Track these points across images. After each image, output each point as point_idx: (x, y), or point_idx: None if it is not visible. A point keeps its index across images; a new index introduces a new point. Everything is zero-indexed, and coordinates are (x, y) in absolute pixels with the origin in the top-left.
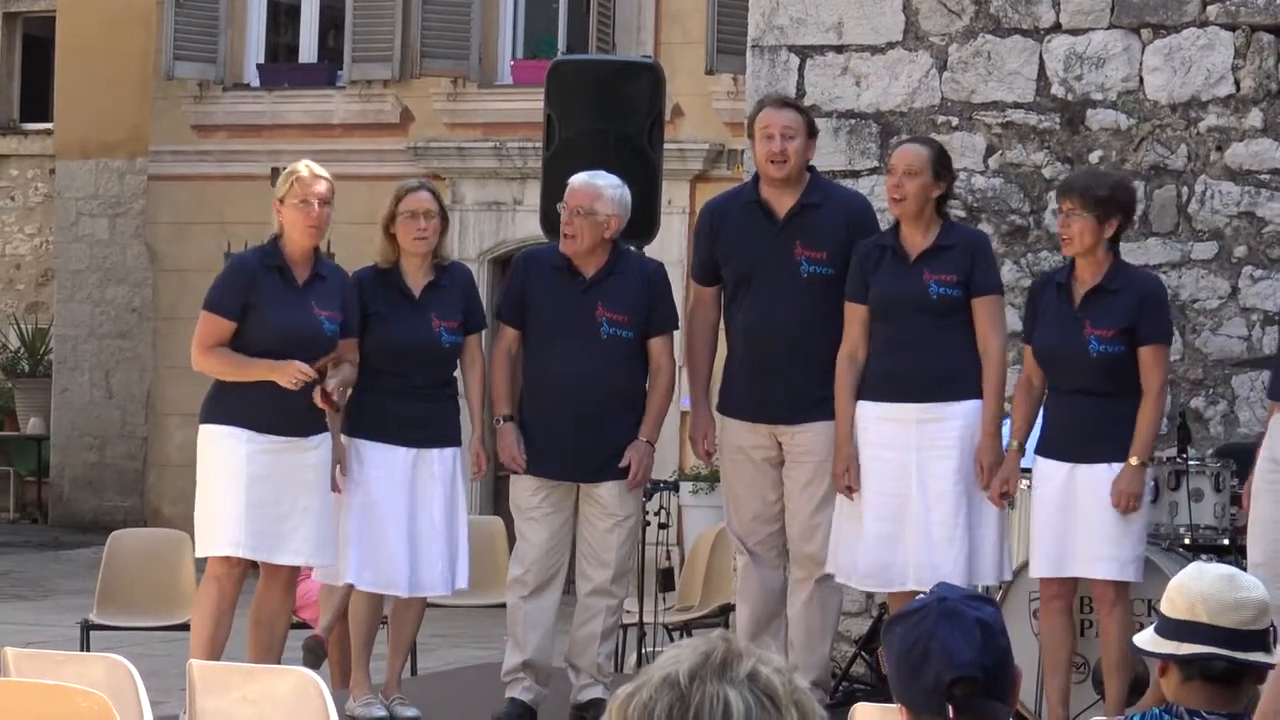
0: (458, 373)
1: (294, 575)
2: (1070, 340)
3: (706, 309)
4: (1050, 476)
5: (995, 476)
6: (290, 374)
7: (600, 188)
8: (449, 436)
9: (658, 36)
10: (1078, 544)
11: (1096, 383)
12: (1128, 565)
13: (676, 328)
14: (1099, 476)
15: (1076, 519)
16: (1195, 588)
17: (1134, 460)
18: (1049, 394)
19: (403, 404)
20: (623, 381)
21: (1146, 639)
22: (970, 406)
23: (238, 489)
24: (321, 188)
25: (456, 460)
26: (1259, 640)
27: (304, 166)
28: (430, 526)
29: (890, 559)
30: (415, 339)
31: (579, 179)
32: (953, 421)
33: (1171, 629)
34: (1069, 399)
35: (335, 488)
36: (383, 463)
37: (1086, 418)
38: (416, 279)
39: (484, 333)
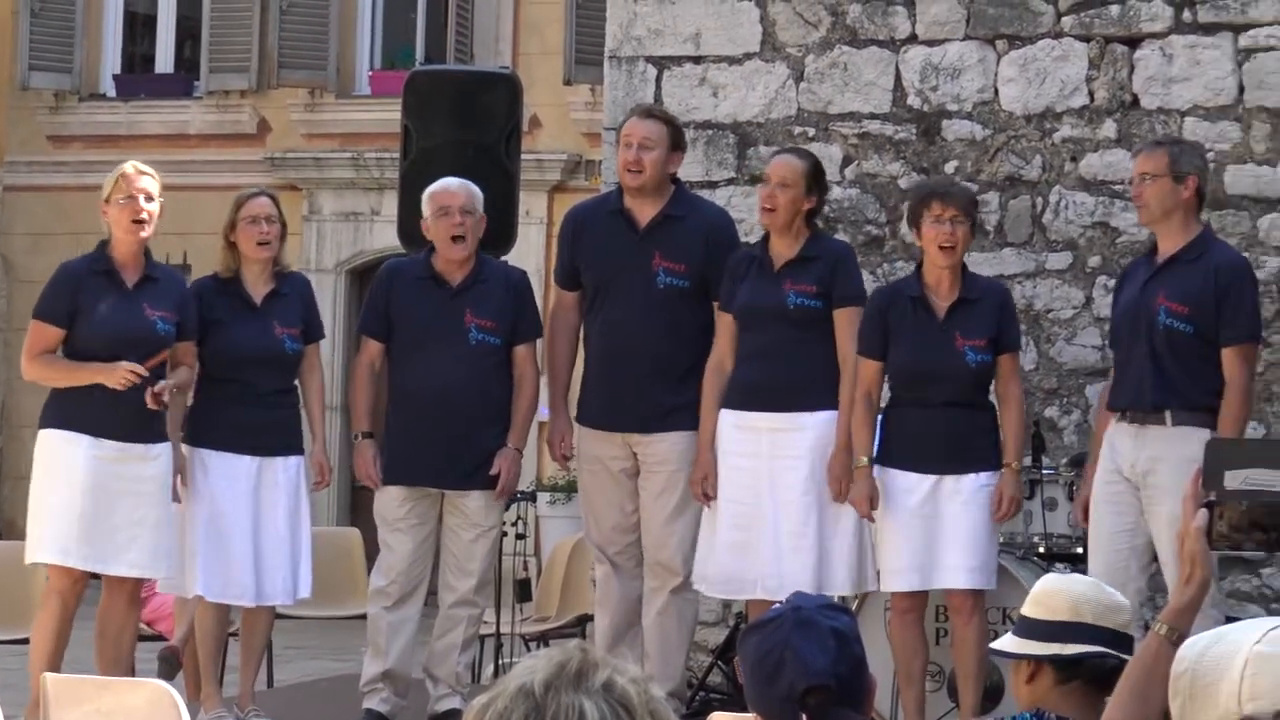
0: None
1: (138, 587)
2: (944, 354)
3: (567, 314)
4: (911, 489)
5: (860, 494)
6: (119, 375)
7: (472, 189)
8: (292, 445)
9: (516, 47)
10: (944, 556)
11: (965, 394)
12: (992, 574)
13: (540, 335)
14: (967, 487)
15: (942, 531)
16: (1076, 590)
17: (1014, 465)
18: (907, 408)
19: (246, 412)
20: (491, 389)
21: (1011, 643)
22: (824, 417)
23: (72, 496)
24: (145, 183)
25: (300, 469)
26: (1129, 645)
27: (130, 165)
28: (274, 535)
29: (741, 567)
30: (258, 346)
31: (453, 181)
32: (805, 431)
33: (1048, 631)
34: (930, 411)
35: (175, 498)
36: (227, 472)
37: (956, 429)
38: (257, 287)
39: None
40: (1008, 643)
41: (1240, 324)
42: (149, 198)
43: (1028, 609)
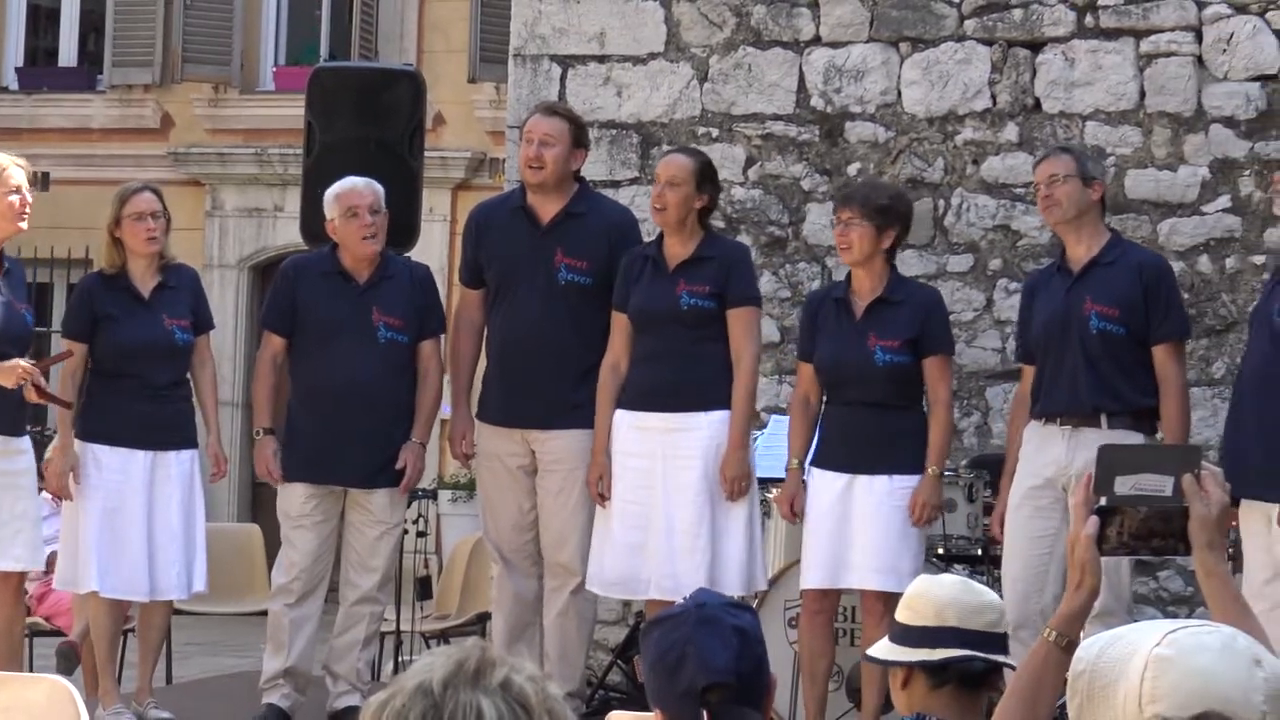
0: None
1: (22, 581)
2: (856, 352)
3: (471, 311)
4: (827, 488)
5: (783, 495)
6: (16, 375)
7: (377, 187)
8: (185, 438)
9: (420, 45)
10: (854, 556)
11: (881, 394)
12: (905, 576)
13: (444, 330)
14: (879, 488)
15: (854, 530)
16: (939, 594)
17: (932, 470)
18: (827, 407)
19: (139, 406)
20: (398, 387)
21: (884, 649)
22: (718, 417)
23: None
24: (15, 174)
25: (194, 462)
26: (1001, 643)
27: (3, 157)
28: (168, 530)
29: (635, 567)
30: (149, 339)
31: (359, 181)
32: (699, 432)
33: (917, 636)
34: (851, 411)
35: (67, 495)
36: (120, 467)
37: (869, 429)
38: (145, 281)
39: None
40: (882, 649)
41: (1170, 321)
42: (15, 190)
43: (899, 613)
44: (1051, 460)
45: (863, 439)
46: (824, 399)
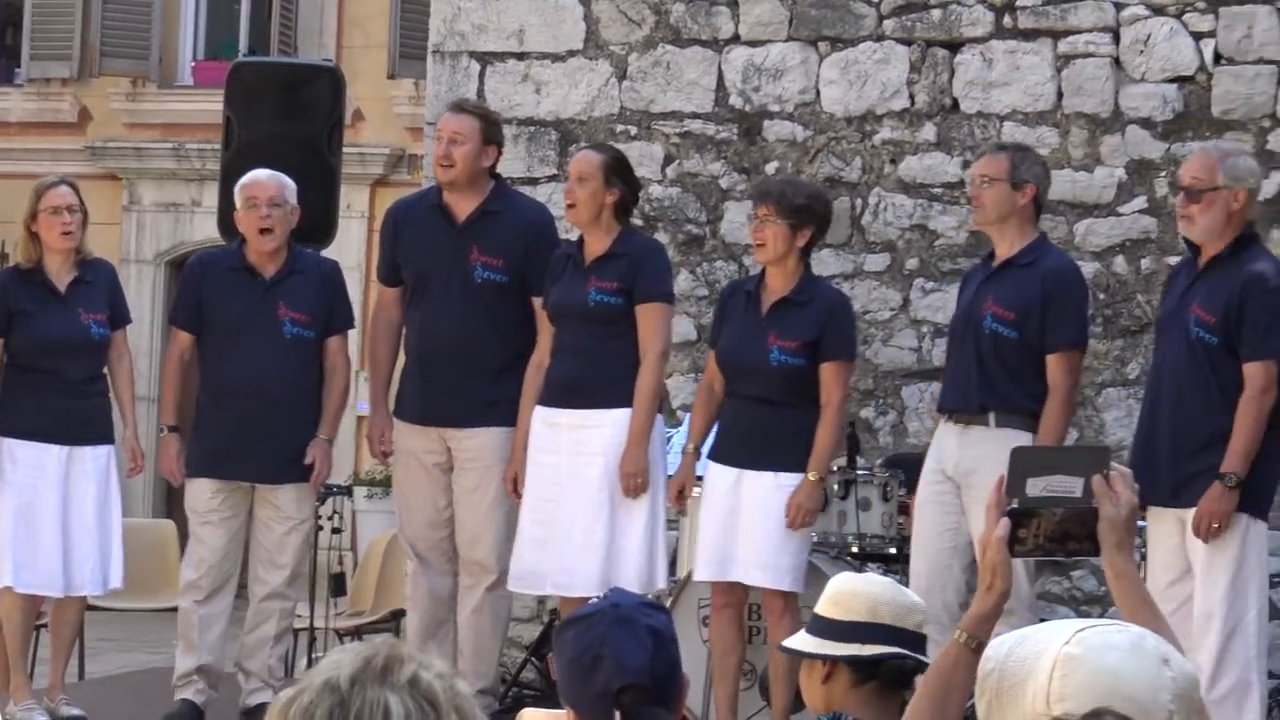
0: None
1: None
2: (753, 348)
3: (389, 309)
4: (718, 481)
5: (675, 480)
6: None
7: (284, 180)
8: (102, 434)
9: (340, 40)
10: (739, 550)
11: (774, 392)
12: (785, 575)
13: (352, 327)
14: (765, 484)
15: (739, 525)
16: (872, 591)
17: (811, 475)
18: (727, 399)
19: (54, 401)
20: (305, 383)
21: (807, 642)
22: (623, 414)
23: None
24: None
25: (110, 458)
26: (923, 644)
27: None
28: (83, 525)
29: (538, 563)
30: (65, 333)
31: (263, 173)
32: (603, 429)
33: (844, 631)
34: (744, 405)
35: None
36: (36, 462)
37: (759, 425)
38: (61, 275)
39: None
40: (803, 641)
41: (1064, 331)
42: None
43: (823, 608)
44: (948, 455)
45: (754, 435)
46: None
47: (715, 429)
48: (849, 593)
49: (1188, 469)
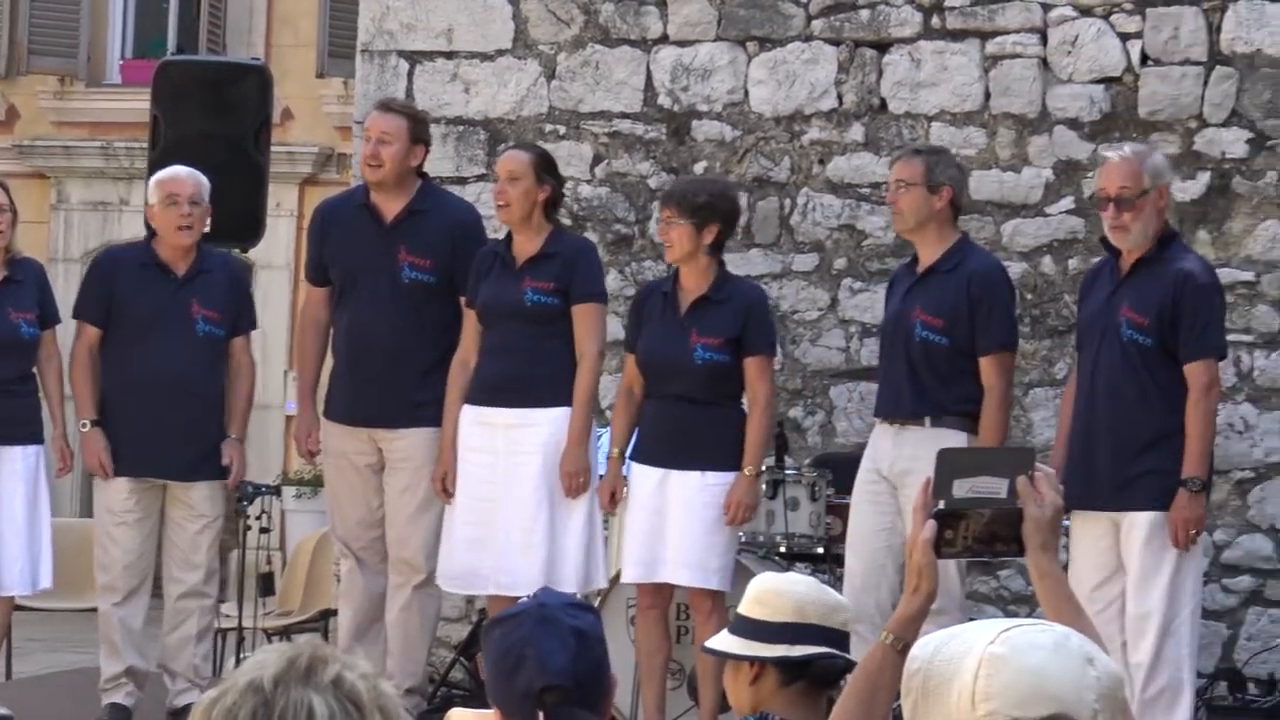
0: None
1: None
2: (675, 347)
3: (317, 309)
4: (644, 482)
5: (604, 485)
6: None
7: (201, 178)
8: (32, 433)
9: (269, 39)
10: (667, 550)
11: (698, 390)
12: (714, 574)
13: (255, 327)
14: (691, 484)
15: (668, 525)
16: (797, 591)
17: (747, 470)
18: (646, 401)
19: None
20: (216, 379)
21: (733, 643)
22: (559, 413)
23: None
24: None
25: (39, 457)
26: (848, 641)
27: None
28: (11, 525)
29: (476, 563)
30: None
31: (181, 170)
32: (540, 428)
33: (772, 632)
34: (667, 405)
35: None
36: None
37: (684, 424)
38: None
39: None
40: (729, 643)
41: (994, 334)
42: None
43: (747, 608)
44: (883, 455)
45: (678, 434)
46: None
47: (637, 430)
48: (773, 592)
49: (1128, 471)
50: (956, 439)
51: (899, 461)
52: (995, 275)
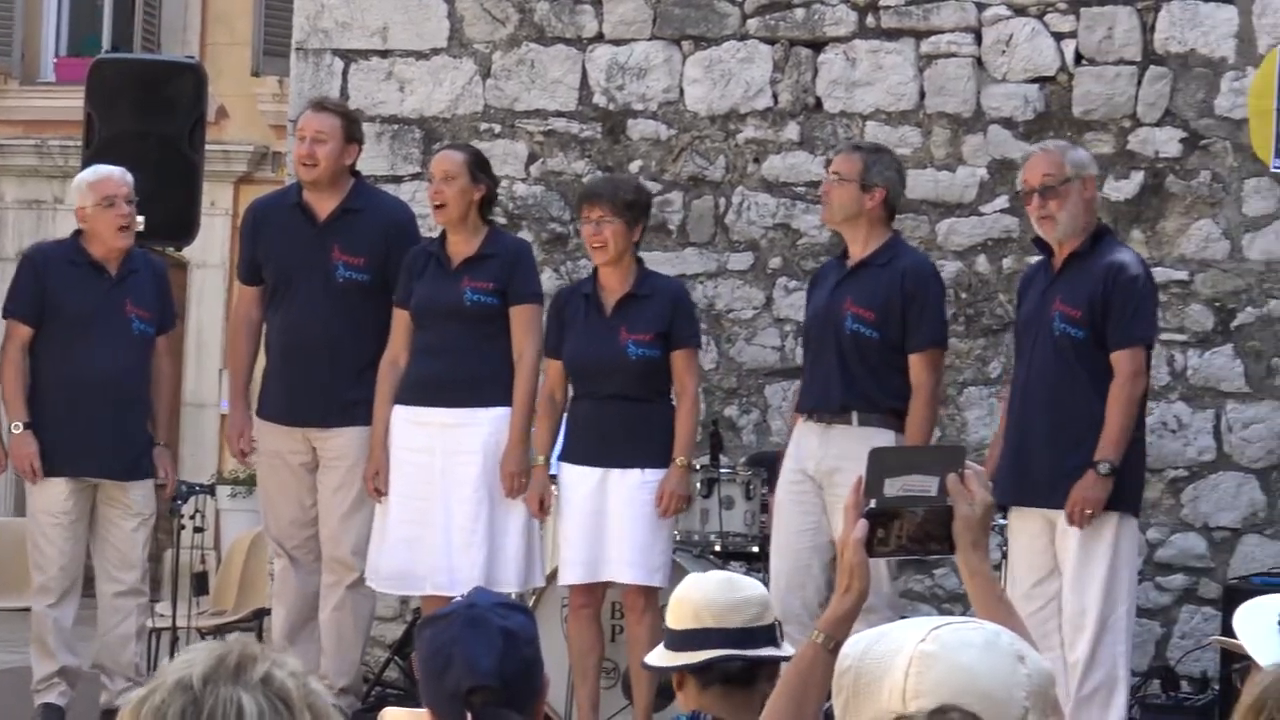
0: None
1: None
2: (606, 346)
3: (249, 308)
4: (580, 483)
5: (532, 492)
6: None
7: (130, 177)
8: None
9: (204, 37)
10: (610, 549)
11: (632, 387)
12: (656, 571)
13: (173, 327)
14: (631, 482)
15: (609, 524)
16: (696, 596)
17: (679, 461)
18: (578, 403)
19: None
20: (147, 379)
21: (658, 655)
22: (498, 413)
23: None
24: None
25: None
26: (768, 636)
27: None
28: None
29: (412, 563)
30: None
31: (115, 170)
32: (479, 427)
33: (681, 640)
34: (600, 405)
35: None
36: None
37: (620, 423)
38: None
39: None
40: (656, 655)
41: (925, 331)
42: None
43: (667, 619)
44: (809, 454)
45: (615, 433)
46: (570, 394)
47: (564, 433)
48: (677, 600)
49: (1063, 467)
50: (884, 437)
51: (826, 460)
52: (928, 272)
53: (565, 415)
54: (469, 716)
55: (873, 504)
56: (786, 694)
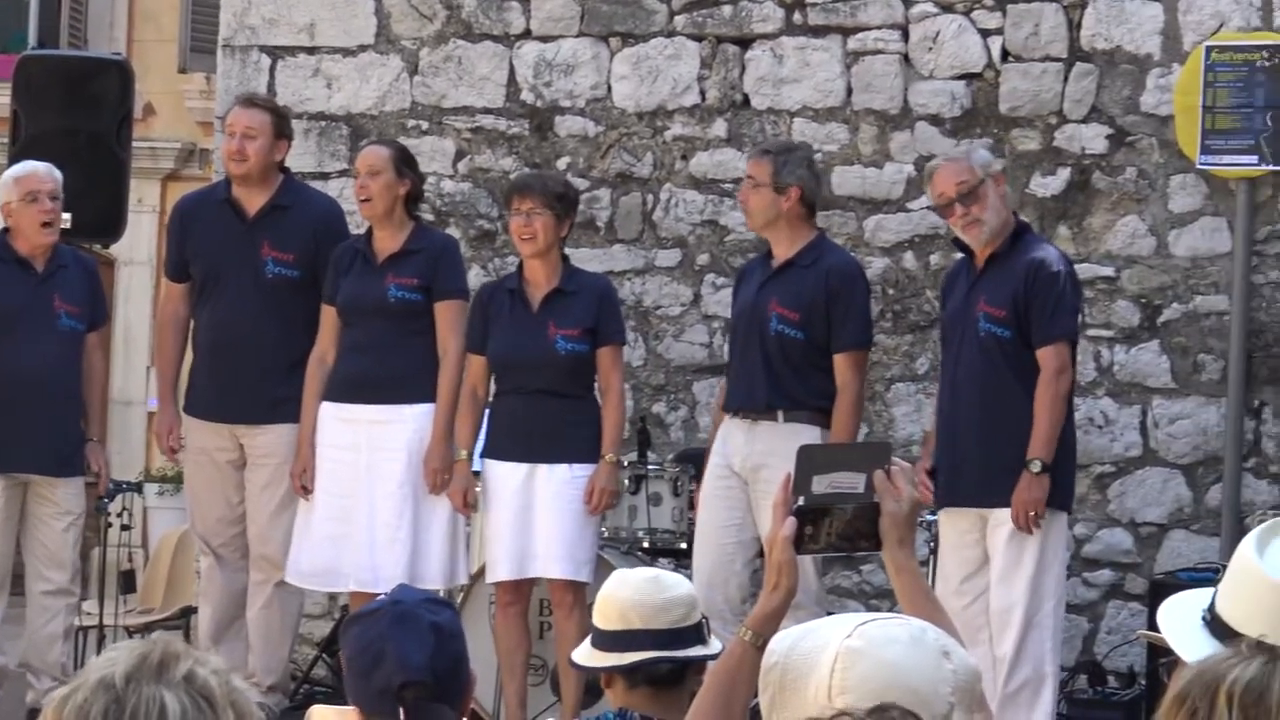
0: None
1: None
2: (533, 341)
3: (176, 305)
4: (507, 478)
5: (455, 488)
6: None
7: (57, 173)
8: None
9: (130, 34)
10: (537, 545)
11: (559, 382)
12: (583, 566)
13: (105, 322)
14: (560, 477)
15: (536, 519)
16: (624, 595)
17: (608, 457)
18: (502, 398)
19: None
20: (77, 375)
21: (584, 654)
22: (422, 410)
23: None
24: None
25: None
26: (696, 635)
27: None
28: None
29: (335, 560)
30: None
31: (40, 166)
32: (404, 424)
33: (609, 641)
34: (527, 400)
35: None
36: None
37: (547, 418)
38: None
39: None
40: (583, 654)
41: (850, 331)
42: None
43: (594, 617)
44: (735, 450)
45: (542, 428)
46: (493, 390)
47: (487, 429)
48: (604, 599)
49: (993, 466)
50: (810, 434)
51: (752, 457)
52: (853, 272)
53: (487, 411)
54: (401, 712)
55: (801, 501)
56: (714, 692)
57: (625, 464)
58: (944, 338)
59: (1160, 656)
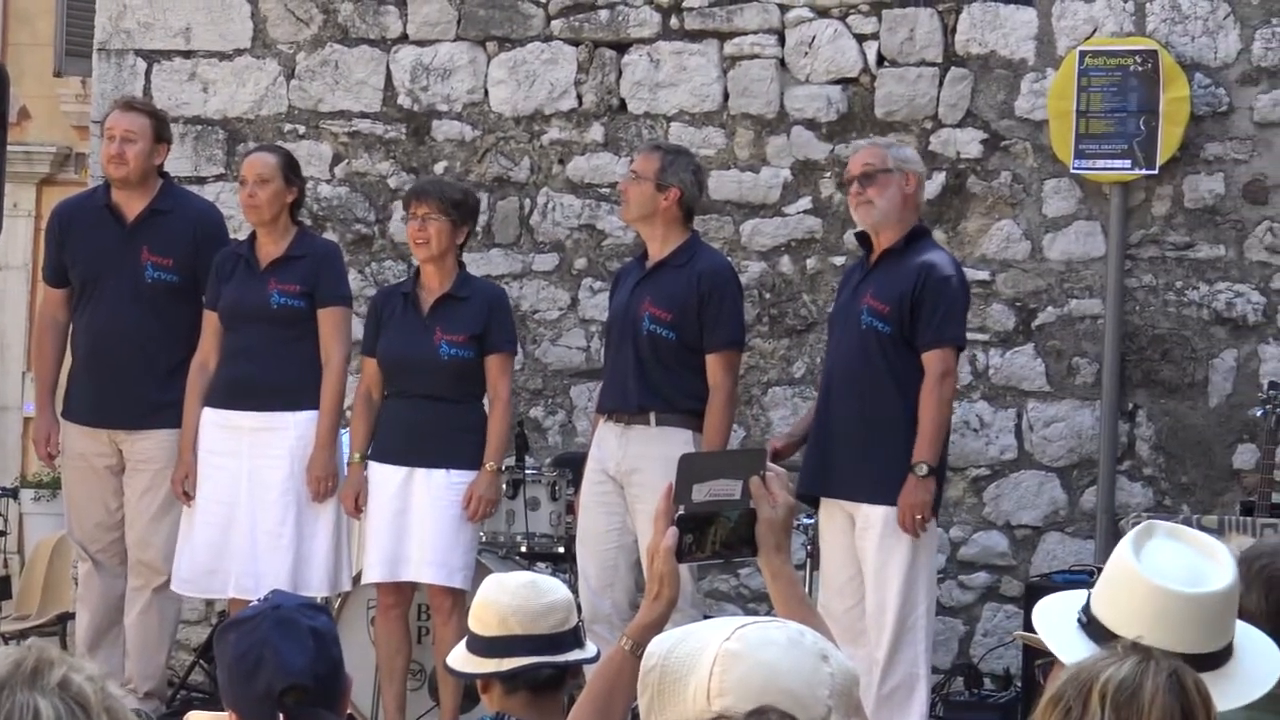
0: None
1: None
2: (420, 345)
3: (55, 310)
4: (386, 481)
5: (346, 490)
6: None
7: None
8: None
9: (5, 37)
10: (412, 549)
11: (443, 387)
12: (457, 572)
13: None
14: (437, 482)
15: (411, 524)
16: (502, 601)
17: (489, 465)
18: (388, 401)
19: None
20: None
21: (460, 659)
22: (305, 416)
23: None
24: None
25: None
26: (573, 639)
27: None
28: None
29: (215, 565)
30: None
31: None
32: (286, 431)
33: (486, 646)
34: (411, 404)
35: None
36: None
37: (428, 423)
38: None
39: None
40: (459, 659)
41: (722, 331)
42: None
43: (470, 622)
44: (609, 455)
45: (423, 433)
46: (384, 393)
47: (377, 429)
48: (482, 605)
49: (865, 460)
50: (682, 438)
51: (626, 461)
52: (725, 273)
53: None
54: (281, 717)
55: (682, 510)
56: (592, 698)
57: (504, 468)
58: (830, 329)
59: (1036, 658)
